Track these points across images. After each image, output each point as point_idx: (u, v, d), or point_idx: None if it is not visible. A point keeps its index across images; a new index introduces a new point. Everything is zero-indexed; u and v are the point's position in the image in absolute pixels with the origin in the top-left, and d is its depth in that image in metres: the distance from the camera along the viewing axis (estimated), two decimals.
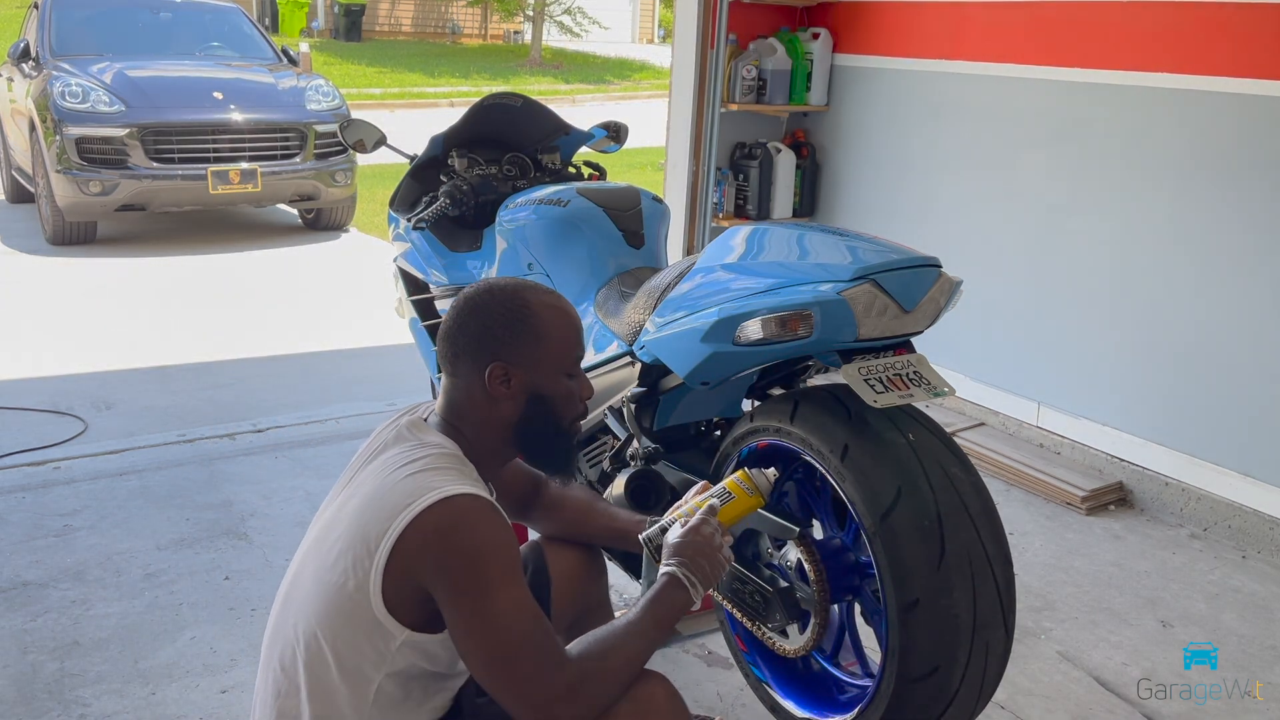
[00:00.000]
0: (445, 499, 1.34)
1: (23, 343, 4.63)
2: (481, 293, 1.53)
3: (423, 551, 1.32)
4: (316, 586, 1.41)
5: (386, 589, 1.35)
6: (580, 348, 1.57)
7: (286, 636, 1.44)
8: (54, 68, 6.61)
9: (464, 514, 1.34)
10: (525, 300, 1.51)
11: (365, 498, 1.41)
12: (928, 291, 1.68)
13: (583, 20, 22.61)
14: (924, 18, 3.91)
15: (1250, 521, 3.05)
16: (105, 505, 3.04)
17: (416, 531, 1.33)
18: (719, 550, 1.51)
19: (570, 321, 1.55)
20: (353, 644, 1.37)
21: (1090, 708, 2.28)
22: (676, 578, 1.48)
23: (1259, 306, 3.01)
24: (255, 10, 19.61)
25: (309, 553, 1.48)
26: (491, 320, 1.49)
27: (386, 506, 1.36)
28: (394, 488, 1.37)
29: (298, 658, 1.41)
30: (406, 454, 1.43)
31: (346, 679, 1.38)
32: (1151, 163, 3.24)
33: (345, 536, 1.39)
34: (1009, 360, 3.73)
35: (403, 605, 1.36)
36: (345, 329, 5.04)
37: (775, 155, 4.24)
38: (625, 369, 2.17)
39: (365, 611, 1.36)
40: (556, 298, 1.57)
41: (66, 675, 2.25)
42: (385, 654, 1.38)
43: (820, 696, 1.96)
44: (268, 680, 1.47)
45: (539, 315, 1.51)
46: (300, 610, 1.43)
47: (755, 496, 1.62)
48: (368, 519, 1.37)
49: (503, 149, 2.83)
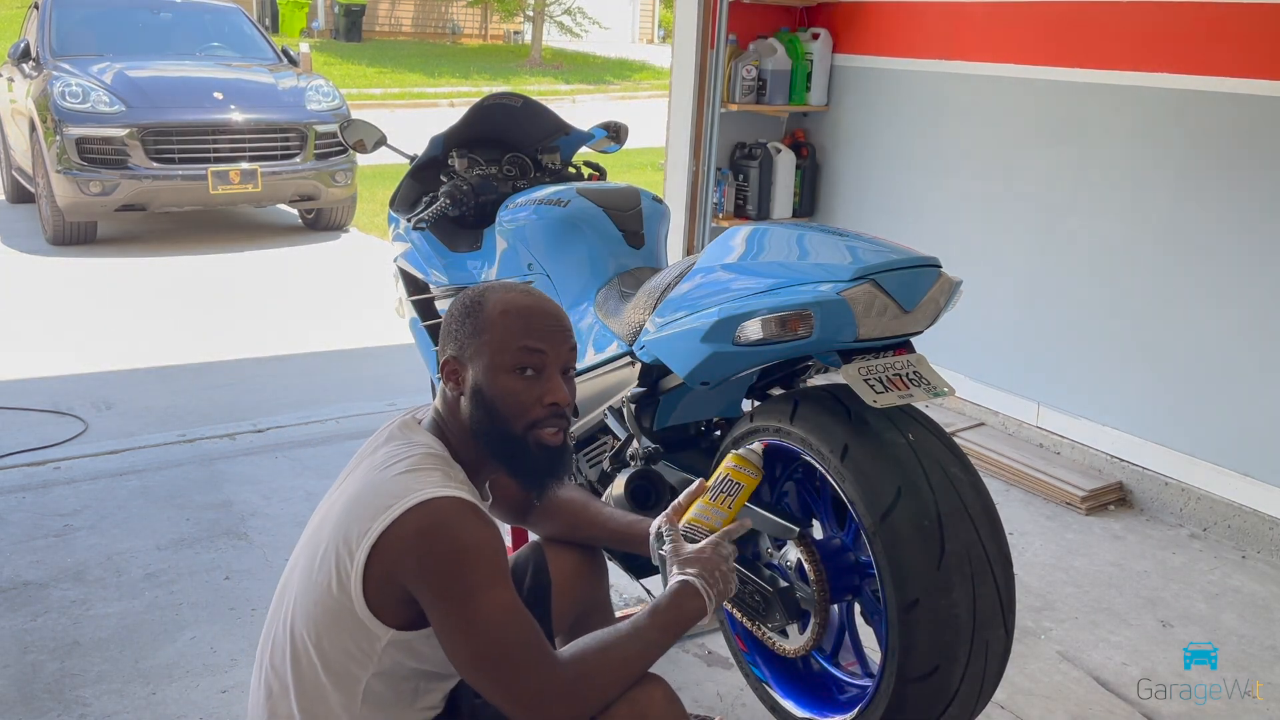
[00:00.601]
0: (425, 501, 1.32)
1: (23, 343, 4.63)
2: (464, 294, 1.52)
3: (403, 554, 1.31)
4: (305, 586, 1.41)
5: (368, 590, 1.34)
6: (529, 339, 1.45)
7: (277, 636, 1.45)
8: (54, 68, 6.61)
9: (445, 516, 1.32)
10: (483, 296, 1.48)
11: (350, 498, 1.40)
12: (928, 291, 1.68)
13: (583, 20, 22.62)
14: (924, 18, 3.91)
15: (1250, 521, 3.05)
16: (105, 505, 3.04)
17: (396, 534, 1.31)
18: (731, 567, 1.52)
19: (522, 317, 1.46)
20: (339, 644, 1.37)
21: (1090, 708, 2.28)
22: (691, 585, 1.47)
23: (1259, 306, 3.01)
24: (255, 10, 19.61)
25: (301, 552, 1.48)
26: (451, 315, 1.50)
27: (368, 508, 1.35)
28: (377, 488, 1.37)
29: (287, 657, 1.41)
30: (394, 453, 1.42)
31: (334, 679, 1.38)
32: (1151, 163, 3.24)
33: (330, 536, 1.39)
34: (1009, 360, 3.73)
35: (385, 606, 1.35)
36: (345, 329, 5.05)
37: (775, 155, 4.25)
38: (625, 369, 2.17)
39: (348, 612, 1.35)
40: (522, 295, 1.50)
41: (67, 675, 2.25)
42: (371, 653, 1.37)
43: (820, 696, 1.96)
44: (260, 680, 1.47)
45: (488, 309, 1.46)
46: (290, 610, 1.43)
47: (756, 476, 1.65)
48: (350, 519, 1.36)
49: (503, 149, 2.83)
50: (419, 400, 3.85)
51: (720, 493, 1.62)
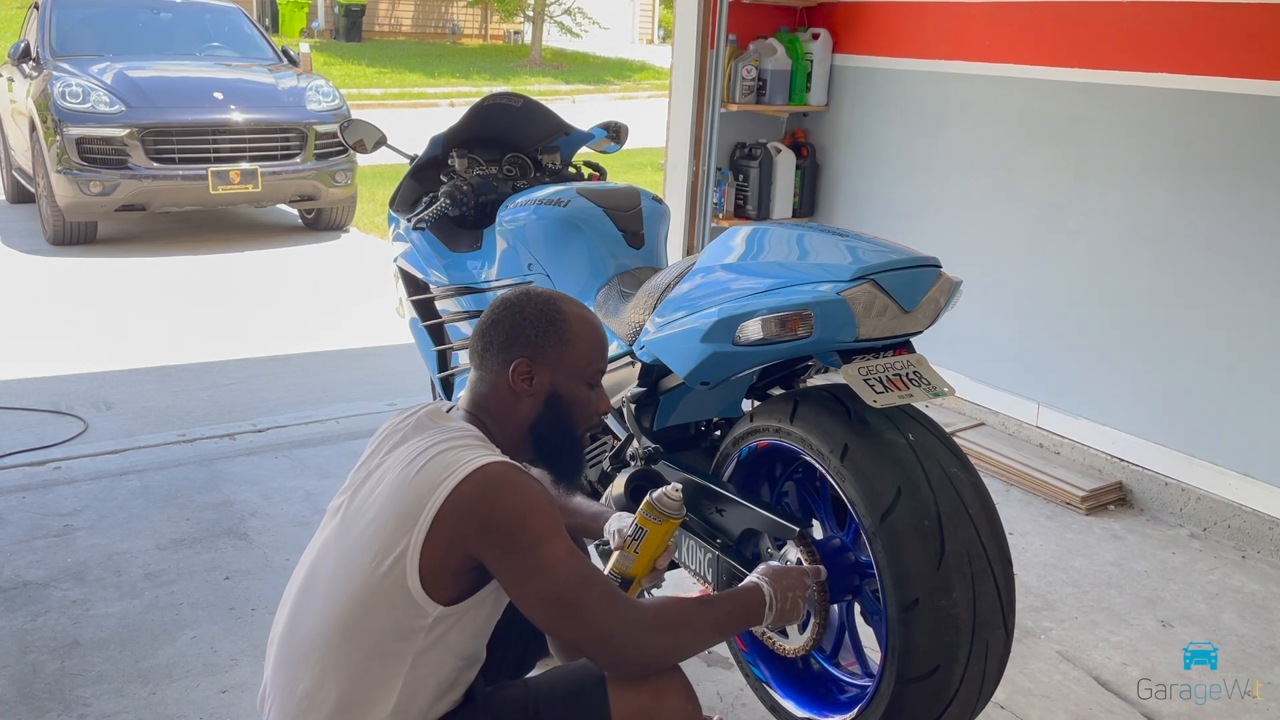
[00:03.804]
0: (480, 467, 1.39)
1: (23, 343, 4.63)
2: (520, 294, 1.61)
3: (467, 518, 1.37)
4: (343, 574, 1.42)
5: (424, 563, 1.38)
6: (603, 362, 1.63)
7: (309, 627, 1.44)
8: (54, 68, 6.61)
9: (501, 477, 1.39)
10: (559, 307, 1.59)
11: (396, 481, 1.43)
12: (928, 291, 1.68)
13: (583, 20, 22.63)
14: (924, 18, 3.91)
15: (1250, 521, 3.05)
16: (105, 505, 3.04)
17: (457, 500, 1.37)
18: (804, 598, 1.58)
19: (598, 335, 1.62)
20: (384, 627, 1.40)
21: (1090, 708, 2.28)
22: (760, 591, 1.54)
23: (1259, 306, 3.01)
24: (255, 10, 19.62)
25: (329, 544, 1.49)
26: (524, 319, 1.57)
27: (423, 483, 1.39)
28: (426, 465, 1.41)
29: (325, 646, 1.41)
30: (432, 438, 1.47)
31: (377, 661, 1.40)
32: (1151, 163, 3.24)
33: (377, 520, 1.42)
34: (1009, 360, 3.73)
35: (438, 580, 1.39)
36: (345, 329, 5.05)
37: (775, 155, 4.24)
38: (625, 369, 2.17)
39: (399, 591, 1.38)
40: (589, 311, 1.64)
41: (67, 675, 2.25)
42: (418, 631, 1.40)
43: (820, 696, 1.96)
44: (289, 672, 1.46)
45: (569, 321, 1.59)
46: (325, 600, 1.43)
47: (667, 521, 1.58)
48: (404, 498, 1.40)
49: (503, 149, 2.83)
50: (419, 400, 3.86)
51: (631, 539, 1.60)
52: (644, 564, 1.59)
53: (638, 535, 1.59)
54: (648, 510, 1.59)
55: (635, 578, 1.59)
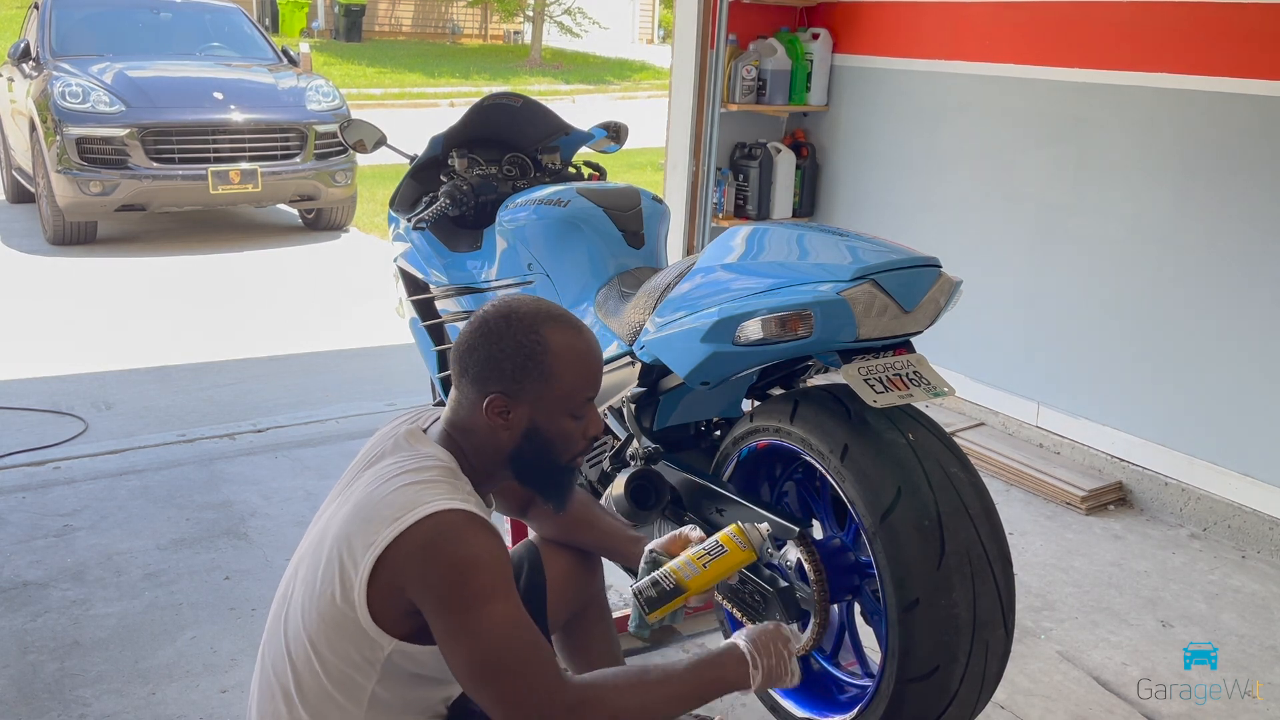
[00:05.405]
0: (434, 514, 1.32)
1: (23, 343, 4.63)
2: (498, 318, 1.44)
3: (408, 566, 1.31)
4: (308, 593, 1.40)
5: (372, 601, 1.33)
6: (593, 389, 1.49)
7: (280, 642, 1.44)
8: (54, 68, 6.61)
9: (451, 529, 1.31)
10: (541, 337, 1.43)
11: (354, 507, 1.39)
12: (928, 291, 1.68)
13: (583, 20, 22.62)
14: (924, 18, 3.91)
15: (1250, 521, 3.05)
16: (105, 505, 3.04)
17: (403, 546, 1.31)
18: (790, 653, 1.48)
19: (586, 364, 1.47)
20: (342, 652, 1.37)
21: (1090, 708, 2.28)
22: (740, 652, 1.45)
23: (1259, 306, 3.01)
24: (255, 10, 19.61)
25: (304, 558, 1.47)
26: (501, 351, 1.42)
27: (374, 519, 1.34)
28: (383, 500, 1.36)
29: (291, 664, 1.41)
30: (400, 464, 1.41)
31: (338, 686, 1.38)
32: (1151, 163, 3.24)
33: (333, 546, 1.38)
34: (1009, 360, 3.73)
35: (390, 617, 1.35)
36: (345, 329, 5.04)
37: (775, 155, 4.24)
38: (625, 369, 2.17)
39: (352, 622, 1.35)
40: (578, 335, 1.47)
41: (66, 675, 2.25)
42: (375, 662, 1.37)
43: (820, 696, 1.96)
44: (262, 685, 1.46)
45: (553, 355, 1.43)
46: (294, 616, 1.42)
47: (748, 551, 1.57)
48: (355, 530, 1.36)
49: (503, 149, 2.83)
50: (419, 400, 3.86)
51: (705, 552, 1.57)
52: (705, 580, 1.54)
53: (714, 551, 1.56)
54: (737, 534, 1.57)
55: (688, 590, 1.53)
